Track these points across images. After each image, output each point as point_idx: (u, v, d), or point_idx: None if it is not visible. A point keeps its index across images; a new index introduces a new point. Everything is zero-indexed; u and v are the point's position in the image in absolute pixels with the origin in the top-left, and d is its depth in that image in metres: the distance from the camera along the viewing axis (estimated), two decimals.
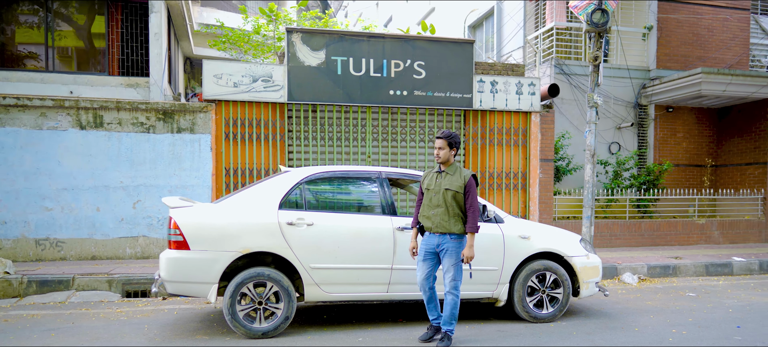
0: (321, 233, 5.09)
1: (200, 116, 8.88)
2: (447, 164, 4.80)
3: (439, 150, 4.77)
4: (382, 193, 5.41)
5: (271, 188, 5.23)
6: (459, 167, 4.82)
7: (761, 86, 11.36)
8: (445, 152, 4.77)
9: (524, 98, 10.19)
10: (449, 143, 4.77)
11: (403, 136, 9.82)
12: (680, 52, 12.63)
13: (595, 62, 8.70)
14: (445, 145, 4.76)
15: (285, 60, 9.16)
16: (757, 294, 7.04)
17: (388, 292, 5.24)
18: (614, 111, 12.26)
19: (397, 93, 9.57)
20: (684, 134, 12.61)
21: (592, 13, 8.51)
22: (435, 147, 4.82)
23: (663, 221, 10.98)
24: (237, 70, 8.94)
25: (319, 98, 9.29)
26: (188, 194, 8.66)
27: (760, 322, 5.53)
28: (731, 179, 12.36)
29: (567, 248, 5.62)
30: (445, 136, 4.77)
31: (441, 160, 4.79)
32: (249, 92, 8.99)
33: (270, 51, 15.52)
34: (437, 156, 4.79)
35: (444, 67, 9.72)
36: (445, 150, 4.76)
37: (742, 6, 13.02)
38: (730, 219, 11.45)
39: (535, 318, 5.50)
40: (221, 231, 4.92)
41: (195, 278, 4.87)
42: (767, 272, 8.93)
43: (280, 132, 9.25)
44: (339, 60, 9.34)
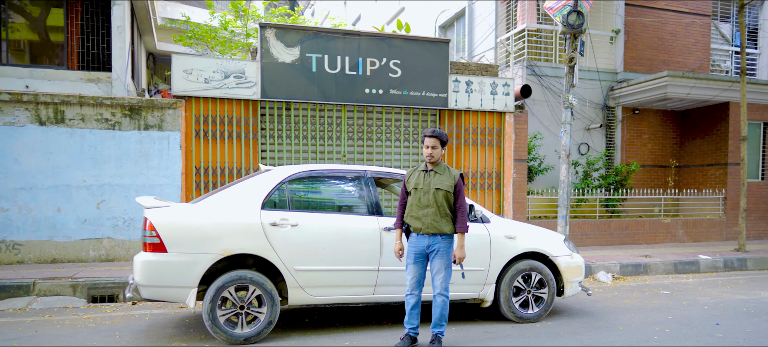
0: (305, 234, 4.91)
1: (169, 112, 8.53)
2: (436, 163, 4.69)
3: (432, 149, 4.63)
4: (367, 192, 5.27)
5: (253, 187, 5.02)
6: (447, 166, 4.72)
7: (722, 90, 11.75)
8: (438, 150, 4.64)
9: (499, 98, 10.22)
10: (441, 142, 4.66)
11: (379, 135, 9.70)
12: (646, 55, 12.95)
13: (571, 63, 8.79)
14: (437, 143, 4.63)
15: (258, 56, 8.91)
16: (727, 292, 7.22)
17: (375, 294, 5.11)
18: (583, 112, 12.45)
19: (373, 92, 9.44)
20: (649, 136, 12.93)
21: (567, 15, 8.58)
22: (425, 146, 4.65)
23: (631, 221, 11.22)
24: (208, 65, 8.64)
25: (293, 95, 9.07)
26: (156, 193, 8.30)
27: (737, 319, 5.65)
28: (693, 179, 12.75)
29: (552, 248, 5.61)
30: (437, 134, 4.64)
31: (434, 159, 4.65)
32: (221, 88, 8.70)
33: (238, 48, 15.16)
34: (430, 156, 4.63)
35: (420, 66, 9.65)
36: (438, 149, 4.64)
37: (704, 12, 13.46)
38: (694, 219, 11.80)
39: (521, 318, 5.47)
40: (201, 232, 4.68)
41: (173, 282, 4.62)
42: (731, 269, 9.21)
43: (253, 130, 8.99)
44: (314, 57, 9.15)
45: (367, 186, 5.30)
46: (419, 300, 4.70)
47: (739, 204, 11.97)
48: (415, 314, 4.68)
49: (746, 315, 5.81)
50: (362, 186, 5.30)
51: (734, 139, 11.97)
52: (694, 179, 12.72)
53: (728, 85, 11.67)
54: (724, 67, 14.02)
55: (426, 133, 4.65)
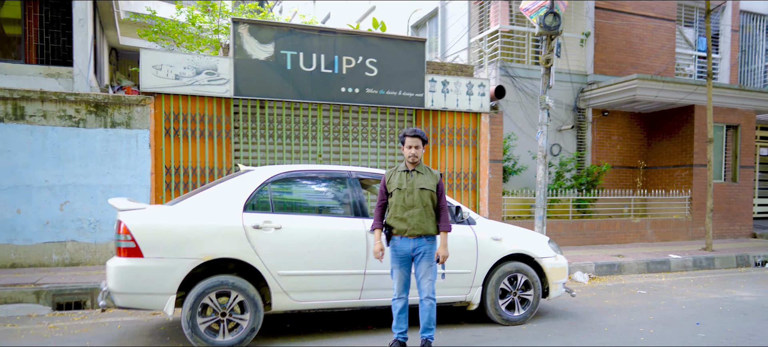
0: (290, 237, 4.73)
1: (137, 109, 8.17)
2: (417, 163, 4.57)
3: (415, 149, 4.51)
4: (353, 194, 5.12)
5: (234, 188, 4.81)
6: (427, 166, 4.64)
7: (688, 93, 12.06)
8: (421, 150, 4.53)
9: (474, 99, 10.21)
10: (423, 141, 4.55)
11: (355, 135, 9.55)
12: (615, 58, 13.19)
13: (547, 65, 8.83)
14: (420, 143, 4.52)
15: (231, 52, 8.64)
16: (700, 291, 7.37)
17: (361, 299, 4.97)
18: (555, 114, 12.59)
19: (349, 90, 9.29)
20: (618, 137, 13.18)
21: (545, 17, 8.62)
22: (407, 146, 4.50)
23: (603, 221, 11.39)
24: (179, 61, 8.32)
25: (267, 93, 8.83)
26: (124, 194, 7.94)
27: (716, 318, 5.74)
28: (660, 180, 13.06)
29: (537, 249, 5.58)
30: (419, 134, 4.53)
31: (417, 159, 4.54)
32: (192, 84, 8.39)
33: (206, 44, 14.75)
34: (413, 156, 4.50)
35: (396, 65, 9.54)
36: (421, 149, 4.53)
37: (669, 17, 13.80)
38: (662, 219, 12.08)
39: (507, 320, 5.42)
40: (180, 236, 4.45)
41: (150, 288, 4.36)
42: (700, 268, 9.44)
43: (226, 129, 8.71)
44: (288, 54, 8.93)
45: (352, 187, 5.15)
46: (407, 303, 4.59)
47: (704, 204, 12.32)
48: (403, 318, 4.56)
49: (723, 314, 5.92)
50: (347, 187, 5.15)
51: (699, 141, 12.31)
52: (661, 180, 13.03)
53: (693, 88, 11.98)
54: (687, 72, 14.42)
55: (407, 133, 4.51)
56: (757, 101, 12.88)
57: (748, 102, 12.83)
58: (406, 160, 4.54)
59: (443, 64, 10.72)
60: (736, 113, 12.92)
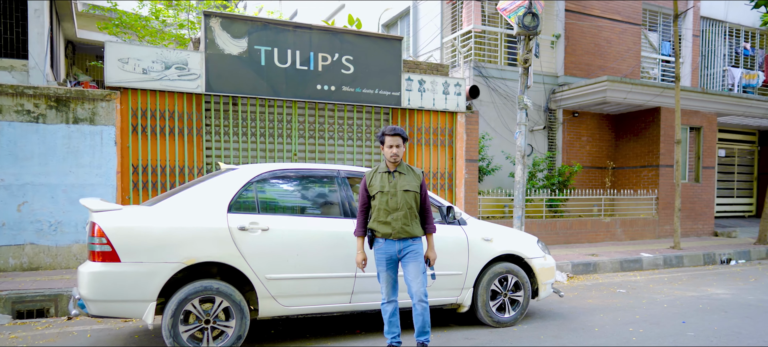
0: (278, 239, 4.49)
1: (102, 104, 7.72)
2: (399, 163, 4.38)
3: (396, 148, 4.30)
4: (342, 194, 4.92)
5: (218, 188, 4.53)
6: (409, 165, 4.46)
7: (655, 95, 12.34)
8: (402, 149, 4.35)
9: (451, 98, 10.14)
10: (403, 139, 4.36)
11: (331, 133, 9.32)
12: (584, 60, 13.38)
13: (526, 65, 8.83)
14: (400, 142, 4.33)
15: (202, 47, 8.28)
16: (677, 289, 7.48)
17: (351, 303, 4.77)
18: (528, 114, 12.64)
19: (325, 88, 9.06)
20: (588, 138, 13.38)
21: (523, 17, 8.61)
22: (388, 146, 4.30)
23: (575, 220, 11.52)
24: (146, 54, 7.91)
25: (240, 89, 8.51)
26: (88, 194, 7.49)
27: (699, 317, 5.80)
28: (628, 180, 13.32)
29: (527, 250, 5.51)
30: (399, 132, 4.33)
31: (398, 159, 4.34)
32: (161, 79, 8.00)
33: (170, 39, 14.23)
34: (394, 155, 4.30)
35: (372, 63, 9.37)
36: (402, 148, 4.34)
37: (635, 21, 14.12)
38: (630, 218, 12.31)
39: (498, 322, 5.32)
40: (160, 239, 4.15)
41: (127, 295, 4.05)
42: (670, 266, 9.64)
43: (197, 126, 8.34)
44: (263, 50, 8.63)
45: (340, 187, 4.95)
46: (397, 306, 4.42)
47: (669, 204, 12.64)
48: (394, 322, 4.39)
49: (705, 312, 5.99)
50: (336, 187, 4.95)
51: (665, 142, 12.62)
52: (629, 180, 13.30)
53: (660, 90, 12.27)
54: (652, 75, 14.78)
55: (386, 131, 4.32)
56: (719, 104, 13.30)
57: (710, 105, 13.23)
58: (387, 160, 4.36)
59: (419, 63, 10.61)
60: (699, 115, 13.31)
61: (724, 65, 16.10)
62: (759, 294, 7.04)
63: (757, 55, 16.71)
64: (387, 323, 4.38)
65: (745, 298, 6.74)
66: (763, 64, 16.70)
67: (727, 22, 16.09)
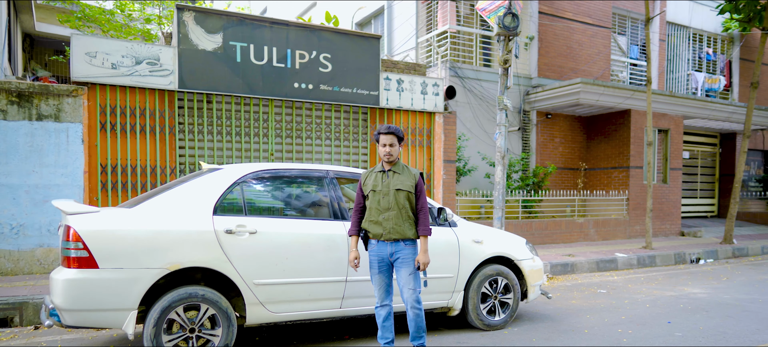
0: (266, 242, 4.28)
1: (68, 101, 7.32)
2: (394, 162, 4.27)
3: (390, 147, 4.18)
4: (332, 195, 4.75)
5: (202, 189, 4.30)
6: (406, 165, 4.32)
7: (626, 98, 12.57)
8: (396, 148, 4.22)
9: (429, 98, 10.07)
10: (398, 138, 4.23)
11: (309, 133, 9.11)
12: (557, 62, 13.53)
13: (506, 66, 8.82)
14: (394, 140, 4.20)
15: (175, 41, 7.96)
16: (655, 288, 7.58)
17: (342, 308, 4.60)
18: None
19: (302, 86, 8.85)
20: (561, 139, 13.53)
21: (504, 17, 8.60)
22: (381, 144, 4.20)
23: (550, 221, 11.61)
24: (116, 48, 7.55)
25: (215, 86, 8.22)
26: (53, 195, 7.08)
27: (682, 316, 5.87)
28: (599, 181, 13.53)
29: (516, 251, 5.45)
30: (393, 130, 4.21)
31: (392, 158, 4.22)
32: (131, 75, 7.64)
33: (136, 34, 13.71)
34: (388, 154, 4.18)
35: (351, 61, 9.21)
36: (396, 146, 4.21)
37: (605, 24, 14.36)
38: (603, 218, 12.50)
39: (489, 325, 5.24)
40: (141, 243, 3.89)
41: (106, 304, 3.78)
42: (644, 266, 9.80)
43: (170, 124, 8.01)
44: (238, 46, 8.37)
45: (330, 188, 4.78)
46: (391, 311, 4.29)
47: (639, 204, 12.89)
48: (388, 327, 4.25)
49: (687, 312, 6.06)
50: (325, 188, 4.77)
51: (635, 144, 12.87)
52: (600, 181, 13.51)
53: (631, 93, 12.50)
54: (621, 78, 15.07)
55: (381, 130, 4.22)
56: (685, 107, 13.66)
57: (677, 108, 13.57)
58: (382, 159, 4.25)
59: (396, 63, 10.50)
60: (667, 118, 13.62)
61: (689, 69, 16.57)
62: (733, 293, 7.19)
63: (718, 60, 17.25)
64: (380, 327, 4.25)
65: (721, 297, 6.87)
66: (724, 69, 17.27)
67: (691, 28, 16.56)
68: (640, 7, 15.17)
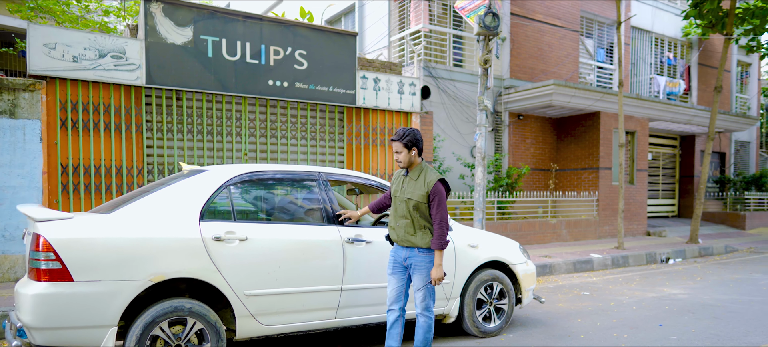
0: (258, 250, 3.98)
1: (24, 95, 6.77)
2: (411, 167, 4.09)
3: (397, 154, 4.05)
4: (324, 198, 4.48)
5: (186, 192, 3.95)
6: (424, 170, 4.05)
7: (596, 100, 12.72)
8: (404, 155, 4.03)
9: (406, 98, 9.88)
10: (406, 145, 4.01)
11: (284, 132, 8.77)
12: (528, 64, 13.59)
13: (486, 65, 8.72)
14: (401, 148, 4.02)
15: (142, 34, 7.49)
16: (635, 289, 7.61)
17: (337, 318, 4.34)
18: (474, 116, 12.65)
19: (277, 84, 8.51)
20: (532, 140, 13.59)
21: (485, 16, 8.49)
22: (394, 152, 4.09)
23: (525, 222, 11.61)
24: (77, 40, 7.03)
25: (185, 83, 7.79)
26: (10, 198, 6.52)
27: (672, 318, 5.86)
28: (569, 182, 13.67)
29: (511, 255, 5.31)
30: (399, 137, 4.03)
31: (403, 165, 4.08)
32: (94, 69, 7.14)
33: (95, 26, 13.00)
34: (398, 161, 4.08)
35: (327, 59, 8.92)
36: (403, 153, 4.03)
37: (574, 28, 14.53)
38: (575, 219, 12.61)
39: (485, 332, 5.07)
40: (121, 253, 3.52)
41: (82, 320, 3.40)
42: (618, 266, 9.90)
43: (136, 122, 7.53)
44: (210, 40, 7.97)
45: (322, 191, 4.51)
46: (401, 316, 4.08)
47: (608, 205, 13.08)
48: (394, 334, 4.06)
49: (674, 314, 6.07)
50: (318, 191, 4.50)
51: (604, 145, 13.05)
52: (570, 182, 13.64)
53: (600, 95, 12.66)
54: (588, 80, 15.29)
55: (393, 137, 4.09)
56: (651, 110, 13.95)
57: (644, 110, 13.85)
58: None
59: (372, 61, 10.27)
60: (634, 120, 13.89)
61: (651, 73, 16.99)
62: (712, 293, 7.28)
63: (678, 65, 17.77)
64: (387, 332, 4.09)
65: (702, 298, 6.94)
66: (683, 74, 17.80)
67: (654, 33, 16.98)
68: (607, 11, 15.44)
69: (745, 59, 19.99)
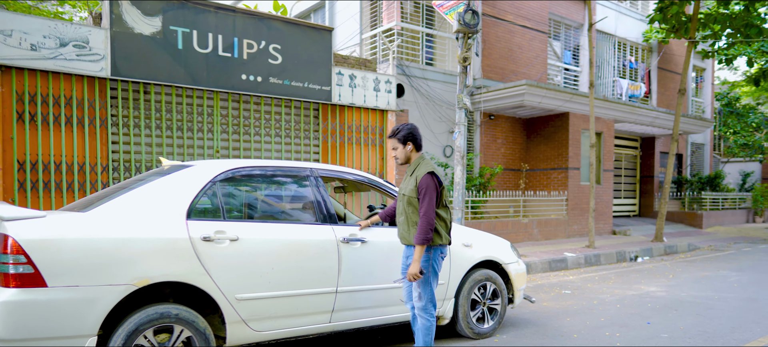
0: (250, 250, 3.70)
1: None
2: (410, 162, 4.00)
3: (393, 150, 3.99)
4: (317, 196, 4.23)
5: (171, 189, 3.64)
6: (419, 164, 3.92)
7: (565, 101, 12.86)
8: (400, 150, 3.95)
9: (381, 96, 9.71)
10: (401, 140, 3.92)
11: (257, 128, 8.45)
12: (499, 64, 13.63)
13: (465, 63, 8.63)
14: (396, 144, 3.96)
15: (106, 23, 7.05)
16: (614, 287, 7.65)
17: (331, 322, 4.10)
18: (447, 116, 12.59)
19: (251, 78, 8.19)
20: (503, 140, 13.64)
21: (464, 14, 8.40)
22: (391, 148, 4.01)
23: (498, 222, 11.61)
24: (36, 27, 6.56)
25: (153, 75, 7.39)
26: None
27: (658, 316, 5.88)
28: (539, 182, 13.78)
29: (503, 255, 5.19)
30: (393, 133, 3.97)
31: (400, 161, 4.00)
32: (55, 58, 6.67)
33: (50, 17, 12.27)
34: (395, 157, 4.02)
35: (302, 54, 8.66)
36: (399, 149, 3.95)
37: (542, 29, 14.69)
38: (545, 219, 12.71)
39: (479, 334, 4.93)
40: (101, 254, 3.20)
41: (58, 330, 3.06)
42: (590, 265, 10.00)
43: (101, 116, 7.09)
44: (180, 31, 7.59)
45: (315, 188, 4.26)
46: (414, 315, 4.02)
47: (577, 205, 13.25)
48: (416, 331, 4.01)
49: (659, 311, 6.10)
50: (311, 188, 4.25)
51: (573, 146, 13.22)
52: (539, 182, 13.76)
53: (570, 96, 12.81)
54: (556, 81, 15.49)
55: (389, 135, 4.05)
56: (616, 112, 14.23)
57: (610, 112, 14.11)
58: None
59: (347, 58, 10.05)
60: (600, 121, 14.13)
61: (614, 76, 17.37)
62: (688, 290, 7.39)
63: (639, 68, 18.24)
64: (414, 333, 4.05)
65: (679, 295, 7.03)
66: (644, 77, 18.29)
67: (616, 36, 17.37)
68: (573, 14, 15.68)
69: (700, 64, 20.74)
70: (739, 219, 19.38)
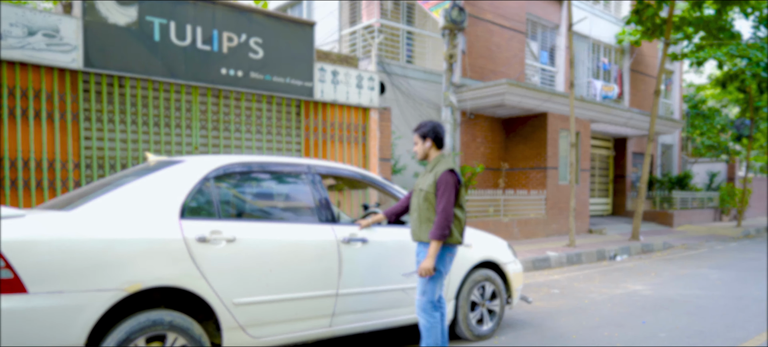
0: (247, 252, 3.47)
1: None
2: (429, 159, 3.96)
3: (415, 146, 4.02)
4: (316, 194, 4.02)
5: (161, 186, 3.38)
6: (439, 161, 3.87)
7: (544, 101, 12.92)
8: (419, 146, 3.97)
9: (364, 93, 9.51)
10: (422, 136, 3.94)
11: (238, 124, 8.15)
12: (478, 63, 13.60)
13: (451, 60, 8.51)
14: (417, 139, 3.99)
15: (78, 11, 6.66)
16: (601, 286, 7.65)
17: (332, 326, 3.89)
18: (428, 114, 12.48)
19: (231, 73, 7.89)
20: (482, 140, 13.61)
21: (451, 10, 8.28)
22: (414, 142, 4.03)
23: (479, 221, 11.54)
24: (3, 14, 6.13)
25: (128, 68, 7.03)
26: None
27: (652, 315, 5.86)
28: (518, 181, 13.80)
29: (501, 255, 5.07)
30: (416, 129, 3.99)
31: (419, 157, 3.99)
32: (22, 48, 6.26)
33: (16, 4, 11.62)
34: (415, 152, 4.04)
35: (283, 48, 8.39)
36: (419, 145, 3.97)
37: (520, 29, 14.74)
38: (525, 218, 12.72)
39: (478, 336, 4.80)
40: (88, 257, 2.92)
41: (41, 340, 2.77)
42: (572, 263, 10.02)
43: (72, 110, 6.69)
44: (157, 22, 7.24)
45: (314, 186, 4.05)
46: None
47: (556, 204, 13.31)
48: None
49: (650, 310, 6.08)
50: (309, 185, 4.04)
51: (551, 146, 13.28)
52: (519, 181, 13.78)
53: (548, 96, 12.87)
54: (534, 81, 15.57)
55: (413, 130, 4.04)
56: (593, 112, 14.38)
57: (586, 112, 14.25)
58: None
59: (328, 53, 9.82)
60: (578, 121, 14.24)
61: (588, 77, 17.59)
62: (673, 289, 7.43)
63: (612, 70, 18.53)
64: None
65: (667, 294, 7.05)
66: (617, 78, 18.58)
67: (591, 38, 17.60)
68: (550, 15, 15.80)
69: (668, 67, 21.21)
70: (707, 218, 19.88)
